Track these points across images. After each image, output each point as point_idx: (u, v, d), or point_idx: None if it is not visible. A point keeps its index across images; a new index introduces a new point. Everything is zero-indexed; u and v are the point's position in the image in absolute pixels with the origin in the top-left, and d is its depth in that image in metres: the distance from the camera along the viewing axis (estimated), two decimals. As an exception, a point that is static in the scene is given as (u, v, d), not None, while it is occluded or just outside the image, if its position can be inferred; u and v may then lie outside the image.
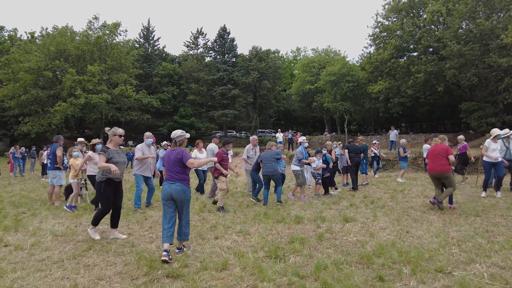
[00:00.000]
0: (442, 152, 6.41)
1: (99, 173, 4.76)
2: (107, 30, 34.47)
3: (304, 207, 7.08)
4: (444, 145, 6.55)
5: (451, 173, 6.44)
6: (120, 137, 4.91)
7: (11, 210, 7.08)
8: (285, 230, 5.17)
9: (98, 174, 4.77)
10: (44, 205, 7.74)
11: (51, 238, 4.83)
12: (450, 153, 6.39)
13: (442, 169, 6.37)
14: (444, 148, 6.47)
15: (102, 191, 4.67)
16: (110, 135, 4.86)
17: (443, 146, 6.51)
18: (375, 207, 7.02)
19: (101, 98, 29.92)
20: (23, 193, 9.92)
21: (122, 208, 6.80)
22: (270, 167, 7.33)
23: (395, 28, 29.64)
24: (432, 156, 6.59)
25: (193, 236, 4.87)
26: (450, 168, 6.39)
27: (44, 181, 13.23)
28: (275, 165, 7.36)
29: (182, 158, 4.13)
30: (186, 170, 4.22)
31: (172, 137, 4.35)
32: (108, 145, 4.80)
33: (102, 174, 4.68)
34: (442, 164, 6.38)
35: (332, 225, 5.50)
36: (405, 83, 29.24)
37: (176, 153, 4.19)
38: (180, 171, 4.16)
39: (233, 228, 5.26)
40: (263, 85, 43.38)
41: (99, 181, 4.71)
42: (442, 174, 6.42)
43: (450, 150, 6.46)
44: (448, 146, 6.59)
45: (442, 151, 6.42)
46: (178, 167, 4.16)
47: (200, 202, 7.70)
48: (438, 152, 6.47)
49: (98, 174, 4.77)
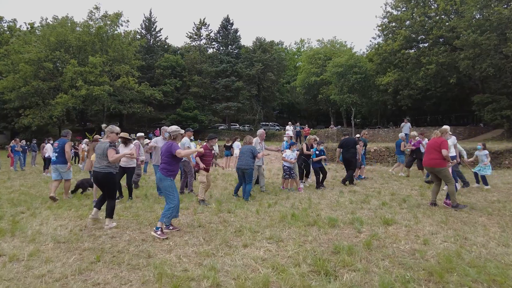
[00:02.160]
0: (435, 145, 6.22)
1: (110, 167, 5.04)
2: (109, 21, 33.49)
3: (333, 207, 6.39)
4: (439, 138, 6.30)
5: (443, 167, 6.15)
6: (117, 135, 5.26)
7: (9, 209, 6.42)
8: (321, 236, 4.48)
9: (111, 168, 5.06)
10: (45, 203, 7.07)
11: (52, 246, 4.15)
12: (444, 147, 6.09)
13: (432, 163, 6.23)
14: (438, 141, 6.23)
15: (115, 182, 5.12)
16: (107, 132, 5.18)
17: (437, 140, 6.28)
18: (411, 206, 6.33)
19: (103, 90, 29.15)
20: (22, 189, 9.26)
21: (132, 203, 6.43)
22: (244, 161, 7.09)
23: (405, 18, 28.62)
24: (427, 149, 6.50)
25: (217, 242, 4.20)
26: (442, 162, 6.12)
27: (45, 176, 12.58)
28: (250, 160, 7.11)
29: (171, 149, 4.68)
30: (172, 161, 4.72)
31: (168, 131, 4.92)
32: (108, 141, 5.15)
33: (114, 166, 5.11)
34: (433, 157, 6.22)
35: (373, 228, 4.82)
36: (415, 74, 28.34)
37: (167, 145, 4.78)
38: (164, 160, 4.75)
39: (261, 233, 4.57)
40: (267, 77, 42.45)
41: (115, 173, 5.13)
42: (433, 168, 6.28)
43: (444, 144, 6.14)
44: (444, 140, 6.26)
45: (436, 144, 6.22)
46: (165, 157, 4.74)
47: (215, 200, 7.01)
48: (431, 145, 6.33)
49: (111, 168, 5.05)
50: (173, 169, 4.76)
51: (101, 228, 4.95)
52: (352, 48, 45.08)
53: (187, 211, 6.14)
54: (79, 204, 6.86)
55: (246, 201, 6.93)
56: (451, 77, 25.03)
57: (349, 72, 34.04)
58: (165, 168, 4.71)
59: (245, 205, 6.40)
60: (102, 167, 4.99)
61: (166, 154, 4.71)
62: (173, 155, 4.65)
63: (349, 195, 7.75)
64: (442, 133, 6.54)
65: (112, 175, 5.06)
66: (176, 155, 4.63)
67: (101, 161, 5.00)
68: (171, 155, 4.67)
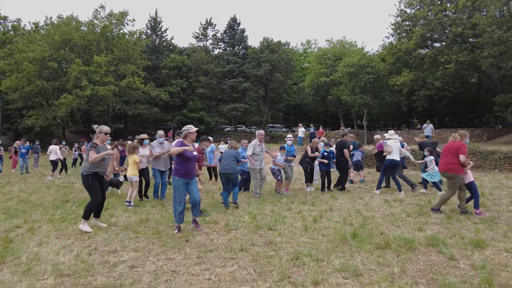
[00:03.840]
0: (452, 149, 5.75)
1: (86, 167, 4.84)
2: (114, 20, 32.61)
3: (392, 221, 5.28)
4: (458, 142, 5.79)
5: (459, 174, 5.64)
6: (106, 135, 5.06)
7: (2, 223, 5.38)
8: (408, 266, 3.39)
9: (85, 168, 4.85)
10: (46, 213, 6.05)
11: (53, 282, 3.08)
12: (462, 152, 5.58)
13: (447, 167, 5.75)
14: (456, 145, 5.73)
15: (90, 183, 4.82)
16: (97, 132, 5.01)
17: (455, 143, 5.79)
18: (484, 220, 5.22)
19: (108, 90, 28.20)
20: (22, 196, 8.25)
21: (149, 215, 5.28)
22: (227, 165, 6.70)
23: (420, 16, 27.50)
24: (443, 153, 6.01)
25: (276, 277, 3.11)
26: (458, 168, 5.62)
27: (49, 180, 11.54)
28: (234, 164, 6.76)
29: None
30: (177, 159, 4.76)
31: (182, 130, 5.06)
32: (96, 141, 4.92)
33: (90, 167, 4.81)
34: (449, 162, 5.75)
35: (465, 253, 3.73)
36: (432, 74, 27.22)
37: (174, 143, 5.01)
38: (174, 159, 4.99)
39: (327, 262, 3.48)
40: (275, 77, 41.39)
41: (86, 174, 4.82)
42: (444, 172, 5.85)
43: (463, 149, 5.62)
44: (463, 144, 5.74)
45: (453, 148, 5.74)
46: (174, 156, 4.90)
47: (248, 213, 5.90)
48: (448, 149, 5.85)
49: (85, 168, 4.85)
50: (179, 168, 4.72)
51: (115, 251, 3.90)
52: (363, 48, 43.84)
53: (217, 225, 5.07)
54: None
55: (234, 203, 6.58)
56: (471, 77, 23.84)
57: (361, 72, 32.94)
58: (174, 167, 4.86)
59: (286, 220, 5.32)
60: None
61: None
62: (178, 154, 4.69)
63: (396, 204, 6.66)
64: (461, 136, 5.93)
65: (87, 177, 4.85)
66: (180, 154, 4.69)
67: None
68: (177, 154, 4.72)
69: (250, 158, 7.55)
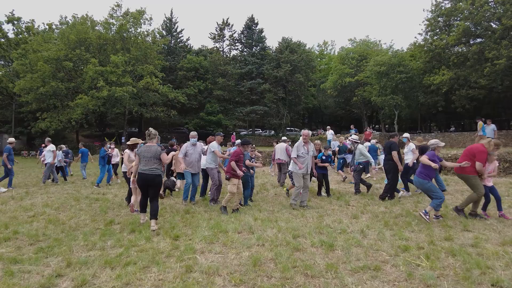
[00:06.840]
0: (470, 152, 5.71)
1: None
2: (131, 18, 31.06)
3: None
4: (475, 145, 5.76)
5: (472, 175, 5.59)
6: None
7: (34, 267, 3.46)
8: None
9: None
10: (92, 246, 4.12)
11: None
12: (479, 159, 5.46)
13: (462, 170, 5.68)
14: (474, 149, 5.66)
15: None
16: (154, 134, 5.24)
17: (474, 146, 5.79)
18: None
19: (125, 91, 26.60)
20: (48, 212, 6.37)
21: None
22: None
23: (462, 9, 25.35)
24: (462, 155, 5.94)
25: None
26: (470, 170, 5.57)
27: (72, 191, 9.65)
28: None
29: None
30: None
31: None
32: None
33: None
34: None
35: None
36: (476, 72, 24.96)
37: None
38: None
39: None
40: (296, 78, 39.47)
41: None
42: (459, 174, 5.85)
43: (481, 155, 5.48)
44: (483, 149, 5.54)
45: (470, 152, 5.69)
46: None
47: (277, 230, 3.88)
48: (467, 152, 5.81)
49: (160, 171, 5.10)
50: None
51: None
52: (391, 46, 41.70)
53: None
54: (155, 250, 3.87)
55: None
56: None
57: (392, 71, 30.81)
58: None
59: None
60: (152, 169, 4.98)
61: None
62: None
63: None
64: (492, 145, 5.70)
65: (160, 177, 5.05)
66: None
67: (150, 163, 4.98)
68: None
69: (295, 161, 6.88)
